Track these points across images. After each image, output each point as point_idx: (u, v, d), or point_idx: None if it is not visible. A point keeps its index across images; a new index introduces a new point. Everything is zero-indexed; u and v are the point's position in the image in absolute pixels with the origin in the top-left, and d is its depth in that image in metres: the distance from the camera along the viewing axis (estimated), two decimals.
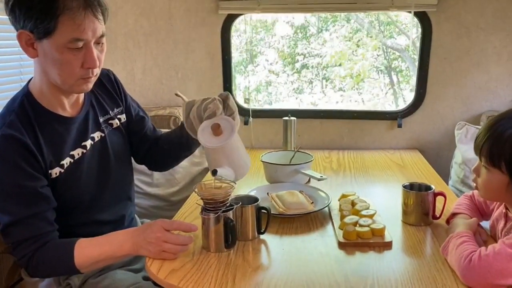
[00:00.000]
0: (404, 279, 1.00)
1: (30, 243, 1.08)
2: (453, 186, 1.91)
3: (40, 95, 1.15)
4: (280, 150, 1.78)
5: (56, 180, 1.14)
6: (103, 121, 1.28)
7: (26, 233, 1.08)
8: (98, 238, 1.13)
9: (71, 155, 1.18)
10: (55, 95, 1.15)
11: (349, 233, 1.17)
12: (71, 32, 1.04)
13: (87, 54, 1.08)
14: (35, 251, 1.09)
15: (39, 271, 1.11)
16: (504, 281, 0.94)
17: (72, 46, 1.05)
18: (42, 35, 1.04)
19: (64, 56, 1.06)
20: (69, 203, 1.18)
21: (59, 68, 1.08)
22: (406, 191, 1.28)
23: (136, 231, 1.13)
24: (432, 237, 1.21)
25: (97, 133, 1.25)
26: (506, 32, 1.97)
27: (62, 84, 1.11)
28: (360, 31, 5.10)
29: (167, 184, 1.87)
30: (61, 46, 1.05)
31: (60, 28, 1.03)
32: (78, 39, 1.05)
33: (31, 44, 1.07)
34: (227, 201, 1.13)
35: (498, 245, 0.97)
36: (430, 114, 2.12)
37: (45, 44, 1.05)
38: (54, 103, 1.16)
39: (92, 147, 1.23)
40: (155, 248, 1.07)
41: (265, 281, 1.00)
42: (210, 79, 2.19)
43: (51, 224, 1.12)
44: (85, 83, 1.13)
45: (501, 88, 2.04)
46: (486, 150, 1.05)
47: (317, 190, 1.48)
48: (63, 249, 1.11)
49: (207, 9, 2.10)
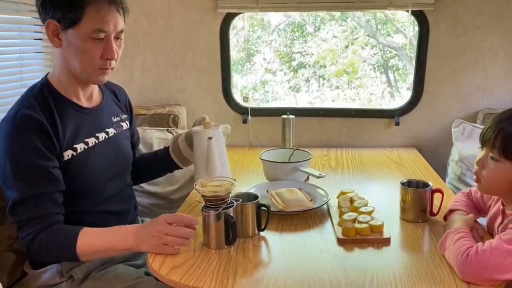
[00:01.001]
0: (403, 274, 1.02)
1: (35, 223, 1.12)
2: (450, 183, 1.93)
3: (58, 84, 1.23)
4: (279, 148, 1.79)
5: (67, 163, 1.18)
6: (116, 121, 1.37)
7: (32, 212, 1.12)
8: (102, 229, 1.16)
9: (85, 141, 1.24)
10: (72, 85, 1.23)
11: (348, 229, 1.18)
12: (95, 22, 1.14)
13: (107, 45, 1.17)
14: (39, 232, 1.12)
15: (40, 253, 1.13)
16: (500, 276, 0.95)
17: (95, 36, 1.15)
18: (69, 24, 1.14)
19: (86, 45, 1.15)
20: (77, 189, 1.22)
21: (80, 56, 1.17)
22: (404, 188, 1.29)
23: (140, 227, 1.16)
24: (430, 233, 1.23)
25: (111, 129, 1.34)
26: (503, 31, 1.99)
27: (81, 72, 1.19)
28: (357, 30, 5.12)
29: (166, 182, 1.88)
30: (85, 36, 1.14)
31: (86, 18, 1.13)
32: (101, 30, 1.15)
33: (56, 34, 1.16)
34: (227, 198, 1.15)
35: (495, 240, 0.99)
36: (428, 112, 2.13)
37: (70, 34, 1.15)
38: (70, 92, 1.24)
39: (105, 140, 1.30)
40: (157, 241, 1.09)
41: (266, 277, 1.02)
42: (209, 78, 2.20)
43: (58, 207, 1.16)
44: (101, 74, 1.21)
45: (497, 87, 2.06)
46: (500, 141, 1.06)
47: (316, 187, 1.49)
48: (67, 234, 1.14)
49: (206, 8, 2.11)
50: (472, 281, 0.97)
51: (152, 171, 1.55)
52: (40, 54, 1.96)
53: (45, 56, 1.98)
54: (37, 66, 1.95)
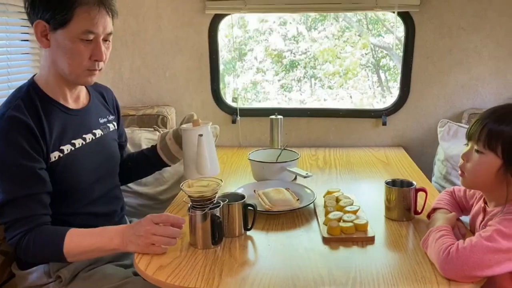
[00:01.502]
0: (386, 272, 1.04)
1: (22, 223, 1.12)
2: (436, 182, 1.96)
3: (45, 85, 1.23)
4: (267, 148, 1.81)
5: (54, 165, 1.19)
6: (103, 122, 1.37)
7: (19, 213, 1.12)
8: (89, 230, 1.17)
9: (72, 143, 1.24)
10: (59, 86, 1.24)
11: (333, 228, 1.20)
12: (85, 24, 1.14)
13: (95, 47, 1.18)
14: (26, 232, 1.12)
15: (27, 253, 1.13)
16: (480, 272, 0.98)
17: (84, 37, 1.15)
18: (58, 25, 1.14)
19: (75, 45, 1.16)
20: (64, 190, 1.22)
21: (69, 57, 1.17)
22: (388, 188, 1.32)
23: (126, 227, 1.17)
24: (413, 231, 1.25)
25: (98, 131, 1.34)
26: (486, 31, 2.03)
27: (69, 73, 1.20)
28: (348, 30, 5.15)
29: (155, 182, 1.88)
30: (74, 36, 1.15)
31: (75, 19, 1.14)
32: (90, 31, 1.15)
33: (45, 35, 1.17)
34: (214, 199, 1.16)
35: (475, 238, 1.01)
36: (414, 112, 2.16)
37: (59, 35, 1.15)
38: (57, 94, 1.24)
39: (92, 142, 1.30)
40: (144, 241, 1.10)
41: (251, 276, 1.03)
42: (198, 79, 2.21)
43: (45, 208, 1.16)
44: (89, 75, 1.22)
45: (482, 87, 2.09)
46: (485, 134, 1.09)
47: (303, 187, 1.51)
48: (54, 234, 1.14)
49: (194, 9, 2.12)
50: (453, 278, 1.00)
51: (140, 170, 1.55)
52: (27, 55, 1.96)
53: (33, 57, 1.98)
54: (24, 68, 1.94)
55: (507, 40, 2.02)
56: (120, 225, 1.21)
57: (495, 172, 1.09)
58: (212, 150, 1.39)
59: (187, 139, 1.36)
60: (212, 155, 1.38)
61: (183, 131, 1.36)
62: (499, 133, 1.08)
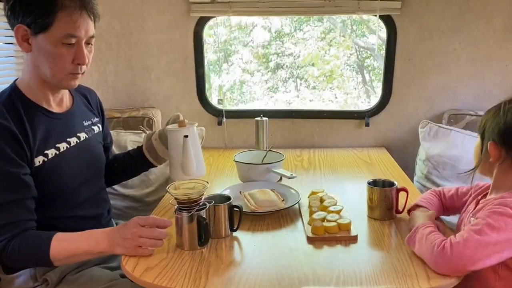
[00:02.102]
0: (368, 270, 1.07)
1: (7, 229, 1.11)
2: (417, 181, 2.01)
3: (28, 90, 1.22)
4: (253, 150, 1.83)
5: (39, 169, 1.18)
6: (87, 125, 1.37)
7: (4, 219, 1.11)
8: (76, 234, 1.17)
9: (56, 147, 1.23)
10: (42, 90, 1.23)
11: (317, 228, 1.23)
12: (66, 27, 1.14)
13: (78, 51, 1.18)
14: (11, 238, 1.11)
15: (13, 259, 1.12)
16: (472, 266, 1.01)
17: (66, 41, 1.15)
18: (39, 29, 1.13)
19: (57, 50, 1.15)
20: (49, 195, 1.22)
21: (51, 61, 1.16)
22: (370, 187, 1.35)
23: (112, 230, 1.17)
24: (395, 230, 1.29)
25: (82, 134, 1.34)
26: (465, 34, 2.08)
27: (52, 78, 1.19)
28: (333, 31, 5.20)
29: (141, 185, 1.89)
30: (56, 40, 1.14)
31: (57, 23, 1.13)
32: (72, 35, 1.15)
33: (26, 39, 1.16)
34: (200, 201, 1.18)
35: (465, 232, 1.04)
36: (396, 113, 2.21)
37: (40, 39, 1.14)
38: (40, 98, 1.23)
39: (76, 145, 1.30)
40: (131, 243, 1.11)
41: (237, 276, 1.05)
42: (183, 81, 2.22)
43: (30, 213, 1.16)
44: (72, 79, 1.22)
45: (461, 88, 2.15)
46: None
47: (288, 188, 1.54)
48: (40, 239, 1.14)
49: (179, 12, 2.13)
50: (446, 272, 1.02)
51: (126, 171, 1.55)
52: (11, 59, 1.95)
53: (17, 61, 1.97)
54: (8, 71, 1.93)
55: (484, 42, 2.08)
56: (107, 228, 1.21)
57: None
58: (198, 151, 1.39)
59: (172, 139, 1.35)
60: (198, 156, 1.38)
61: (168, 131, 1.36)
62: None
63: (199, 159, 1.37)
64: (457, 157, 1.88)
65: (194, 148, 1.34)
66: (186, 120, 1.38)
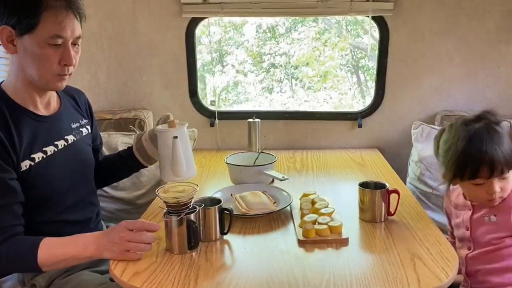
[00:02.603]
0: (359, 273, 1.06)
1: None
2: (410, 183, 2.00)
3: (14, 92, 1.20)
4: (245, 152, 1.82)
5: (25, 173, 1.16)
6: (75, 127, 1.35)
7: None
8: (63, 238, 1.15)
9: (43, 150, 1.22)
10: (29, 93, 1.21)
11: (308, 231, 1.22)
12: (52, 28, 1.12)
13: (64, 51, 1.16)
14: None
15: (1, 265, 1.11)
16: None
17: (52, 42, 1.13)
18: (24, 30, 1.12)
19: (44, 51, 1.13)
20: (37, 199, 1.20)
21: (38, 63, 1.15)
22: (362, 189, 1.35)
23: (101, 234, 1.16)
24: (386, 232, 1.28)
25: (70, 136, 1.32)
26: (458, 36, 2.08)
27: (39, 79, 1.17)
28: (327, 31, 5.20)
29: (132, 187, 1.87)
30: (41, 41, 1.12)
31: (43, 24, 1.11)
32: (58, 35, 1.13)
33: (11, 41, 1.14)
34: (189, 204, 1.16)
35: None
36: (389, 114, 2.21)
37: (26, 40, 1.13)
38: (27, 100, 1.21)
39: (64, 148, 1.28)
40: (119, 248, 1.10)
41: (227, 280, 1.04)
42: (176, 82, 2.21)
43: (18, 218, 1.14)
44: (60, 81, 1.20)
45: (454, 89, 2.15)
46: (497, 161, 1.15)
47: (280, 190, 1.53)
48: (28, 245, 1.12)
49: (171, 13, 2.12)
50: None
51: (117, 172, 1.54)
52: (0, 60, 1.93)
53: (6, 62, 1.95)
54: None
55: (477, 43, 2.08)
56: (95, 232, 1.20)
57: None
58: (188, 152, 1.36)
59: (162, 140, 1.32)
60: (188, 157, 1.34)
61: (158, 132, 1.33)
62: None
63: (190, 160, 1.34)
64: None
65: (184, 149, 1.31)
66: (177, 120, 1.36)
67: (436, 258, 1.11)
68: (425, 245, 1.18)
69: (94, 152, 1.46)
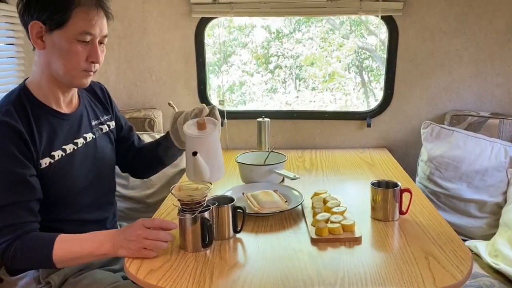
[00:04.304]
0: (373, 271, 1.06)
1: (10, 230, 1.10)
2: (419, 182, 2.00)
3: (38, 89, 1.20)
4: (254, 151, 1.82)
5: (44, 171, 1.17)
6: (95, 124, 1.35)
7: (7, 220, 1.10)
8: (79, 235, 1.16)
9: (63, 148, 1.22)
10: (52, 90, 1.21)
11: (321, 229, 1.22)
12: (83, 25, 1.14)
13: (92, 49, 1.17)
14: (14, 240, 1.10)
15: (15, 260, 1.11)
16: None
17: (81, 38, 1.14)
18: (55, 26, 1.12)
19: (72, 46, 1.14)
20: (55, 197, 1.21)
21: (65, 58, 1.15)
22: (374, 188, 1.35)
23: (117, 232, 1.16)
24: (399, 231, 1.28)
25: (89, 134, 1.32)
26: (467, 35, 2.08)
27: (64, 75, 1.18)
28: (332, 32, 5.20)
29: (143, 186, 1.88)
30: (71, 37, 1.13)
31: (73, 20, 1.13)
32: (88, 32, 1.15)
33: (40, 37, 1.15)
34: (203, 202, 1.17)
35: None
36: (398, 113, 2.21)
37: (55, 36, 1.13)
38: (50, 98, 1.22)
39: (83, 146, 1.29)
40: (136, 245, 1.10)
41: (241, 278, 1.04)
42: (185, 82, 2.22)
43: (34, 215, 1.14)
44: (85, 77, 1.21)
45: (463, 89, 2.14)
46: None
47: (291, 189, 1.53)
48: (43, 240, 1.13)
49: (180, 12, 2.13)
50: None
51: (159, 159, 1.47)
52: (13, 59, 1.94)
53: (18, 61, 1.96)
54: (9, 72, 1.92)
55: (487, 43, 2.08)
56: (110, 230, 1.20)
57: None
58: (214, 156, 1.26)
59: (187, 142, 1.26)
60: (213, 162, 1.25)
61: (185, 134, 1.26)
62: None
63: (214, 165, 1.26)
64: (459, 158, 1.88)
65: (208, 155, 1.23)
66: (209, 118, 1.27)
67: (450, 257, 1.11)
68: (438, 244, 1.18)
69: (126, 141, 1.46)
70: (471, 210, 1.85)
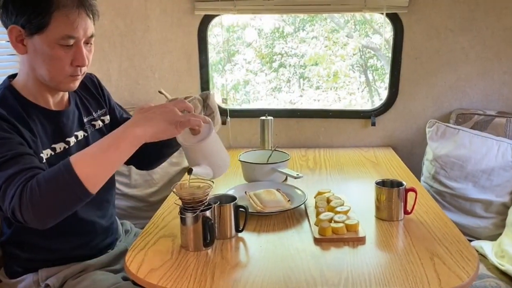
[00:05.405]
0: (377, 272, 1.04)
1: (21, 175, 0.98)
2: (424, 181, 1.98)
3: (24, 89, 1.14)
4: (257, 149, 1.81)
5: None
6: (87, 121, 1.29)
7: (14, 169, 0.99)
8: (93, 144, 1.04)
9: (52, 147, 1.16)
10: (40, 92, 1.16)
11: (324, 229, 1.20)
12: (64, 28, 1.06)
13: (77, 52, 1.10)
14: (27, 181, 0.97)
15: (35, 198, 0.94)
16: None
17: (63, 42, 1.07)
18: (34, 30, 1.05)
19: (55, 52, 1.07)
20: None
21: (48, 64, 1.09)
22: (378, 188, 1.32)
23: (138, 113, 1.04)
24: (404, 231, 1.26)
25: (81, 132, 1.26)
26: (473, 33, 2.05)
27: (50, 80, 1.12)
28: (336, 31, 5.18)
29: (145, 184, 1.87)
30: (52, 42, 1.07)
31: (53, 23, 1.05)
32: (70, 36, 1.08)
33: (20, 41, 1.08)
34: (205, 201, 1.15)
35: None
36: (403, 112, 2.18)
37: (36, 40, 1.07)
38: (38, 98, 1.16)
39: (75, 144, 1.23)
40: (171, 117, 1.00)
41: (243, 278, 1.03)
42: (187, 80, 2.20)
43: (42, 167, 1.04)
44: (72, 81, 1.15)
45: (469, 87, 2.12)
46: None
47: (294, 188, 1.51)
48: (57, 165, 0.99)
49: (183, 10, 2.11)
50: None
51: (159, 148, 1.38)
52: (14, 57, 1.93)
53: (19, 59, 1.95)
54: (11, 69, 1.91)
55: (493, 41, 2.05)
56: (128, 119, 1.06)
57: None
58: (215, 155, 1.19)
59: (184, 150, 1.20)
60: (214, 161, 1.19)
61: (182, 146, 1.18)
62: None
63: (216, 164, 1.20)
64: (465, 157, 1.86)
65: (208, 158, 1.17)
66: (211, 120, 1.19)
67: (456, 257, 1.09)
68: (444, 244, 1.16)
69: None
70: (477, 210, 1.82)
